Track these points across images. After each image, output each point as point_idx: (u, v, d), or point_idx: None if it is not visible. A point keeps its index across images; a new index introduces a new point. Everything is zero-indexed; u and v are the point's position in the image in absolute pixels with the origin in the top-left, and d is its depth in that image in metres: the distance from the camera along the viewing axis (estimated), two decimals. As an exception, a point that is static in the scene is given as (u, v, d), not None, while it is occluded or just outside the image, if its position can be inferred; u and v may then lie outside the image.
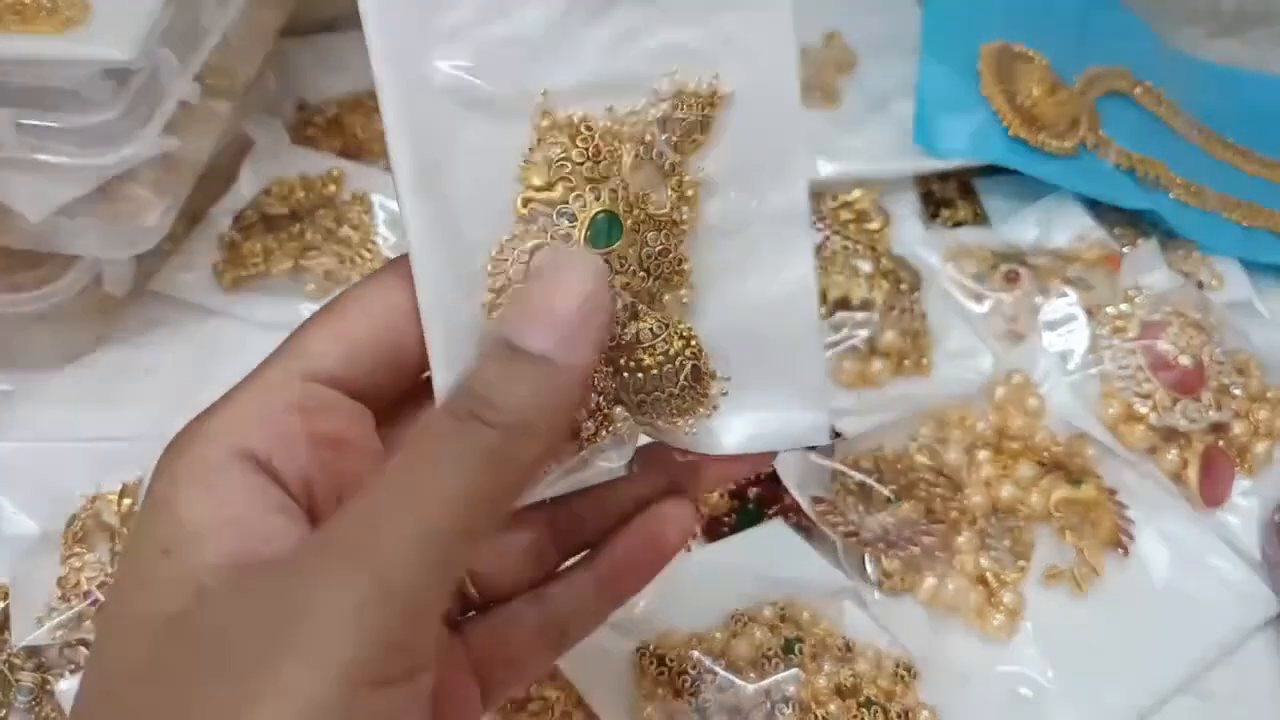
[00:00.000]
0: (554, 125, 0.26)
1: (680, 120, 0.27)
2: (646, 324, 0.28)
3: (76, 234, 0.48)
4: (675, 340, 0.28)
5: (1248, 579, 0.47)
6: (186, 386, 0.52)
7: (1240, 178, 0.65)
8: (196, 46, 0.50)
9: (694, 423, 0.29)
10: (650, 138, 0.27)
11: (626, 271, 0.27)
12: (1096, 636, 0.45)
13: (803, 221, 0.29)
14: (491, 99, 0.26)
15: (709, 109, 0.27)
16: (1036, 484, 0.47)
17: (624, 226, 0.27)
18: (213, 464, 0.25)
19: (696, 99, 0.27)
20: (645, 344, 0.28)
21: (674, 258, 0.28)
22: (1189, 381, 0.50)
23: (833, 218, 0.58)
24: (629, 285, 0.27)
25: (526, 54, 0.26)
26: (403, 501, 0.22)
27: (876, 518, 0.46)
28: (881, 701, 0.41)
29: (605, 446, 0.28)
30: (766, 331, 0.29)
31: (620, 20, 0.27)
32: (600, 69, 0.27)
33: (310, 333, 0.27)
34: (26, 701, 0.42)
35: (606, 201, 0.27)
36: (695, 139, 0.27)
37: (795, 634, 0.42)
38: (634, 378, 0.28)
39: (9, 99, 0.44)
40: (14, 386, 0.52)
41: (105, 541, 0.45)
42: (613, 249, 0.27)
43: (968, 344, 0.55)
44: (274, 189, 0.58)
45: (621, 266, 0.27)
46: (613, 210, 0.27)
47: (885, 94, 0.64)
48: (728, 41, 0.27)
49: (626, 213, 0.27)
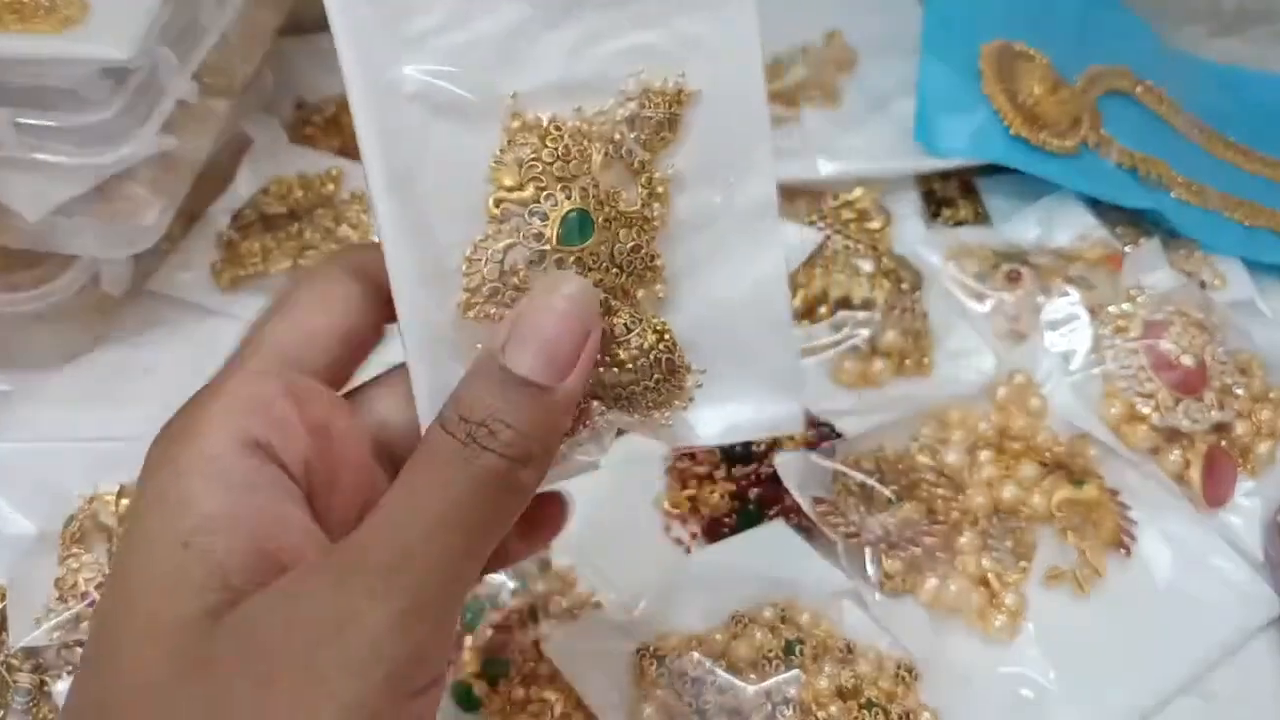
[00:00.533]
0: (524, 127, 0.27)
1: (648, 119, 0.28)
2: (620, 319, 0.28)
3: (74, 233, 0.48)
4: (649, 334, 0.28)
5: (1250, 579, 0.47)
6: (185, 386, 0.52)
7: (1242, 177, 0.65)
8: (195, 45, 0.50)
9: (670, 415, 0.29)
10: (619, 136, 0.28)
11: (599, 268, 0.27)
12: (1099, 637, 0.45)
13: (770, 215, 0.29)
14: (461, 103, 0.27)
15: (675, 107, 0.28)
16: (1038, 484, 0.47)
17: (595, 224, 0.27)
18: (219, 454, 0.25)
19: (663, 98, 0.28)
20: (620, 339, 0.28)
21: (646, 254, 0.28)
22: (1191, 381, 0.50)
23: (834, 217, 0.58)
24: (602, 281, 0.27)
25: (494, 58, 0.27)
26: (426, 527, 0.23)
27: (877, 518, 0.46)
28: (882, 703, 0.40)
29: (583, 441, 0.29)
30: (739, 323, 0.29)
31: (586, 23, 0.27)
32: (567, 71, 0.27)
33: (275, 326, 0.27)
34: (24, 703, 0.42)
35: (578, 200, 0.27)
36: (663, 137, 0.28)
37: (796, 635, 0.42)
38: (609, 372, 0.28)
39: (7, 98, 0.44)
40: (12, 386, 0.51)
41: (103, 542, 0.45)
42: (585, 246, 0.27)
43: (969, 344, 0.54)
44: (272, 188, 0.58)
45: (594, 263, 0.27)
46: (584, 208, 0.27)
47: (886, 93, 0.64)
48: (693, 42, 0.28)
49: (598, 210, 0.27)
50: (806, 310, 0.54)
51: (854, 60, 0.67)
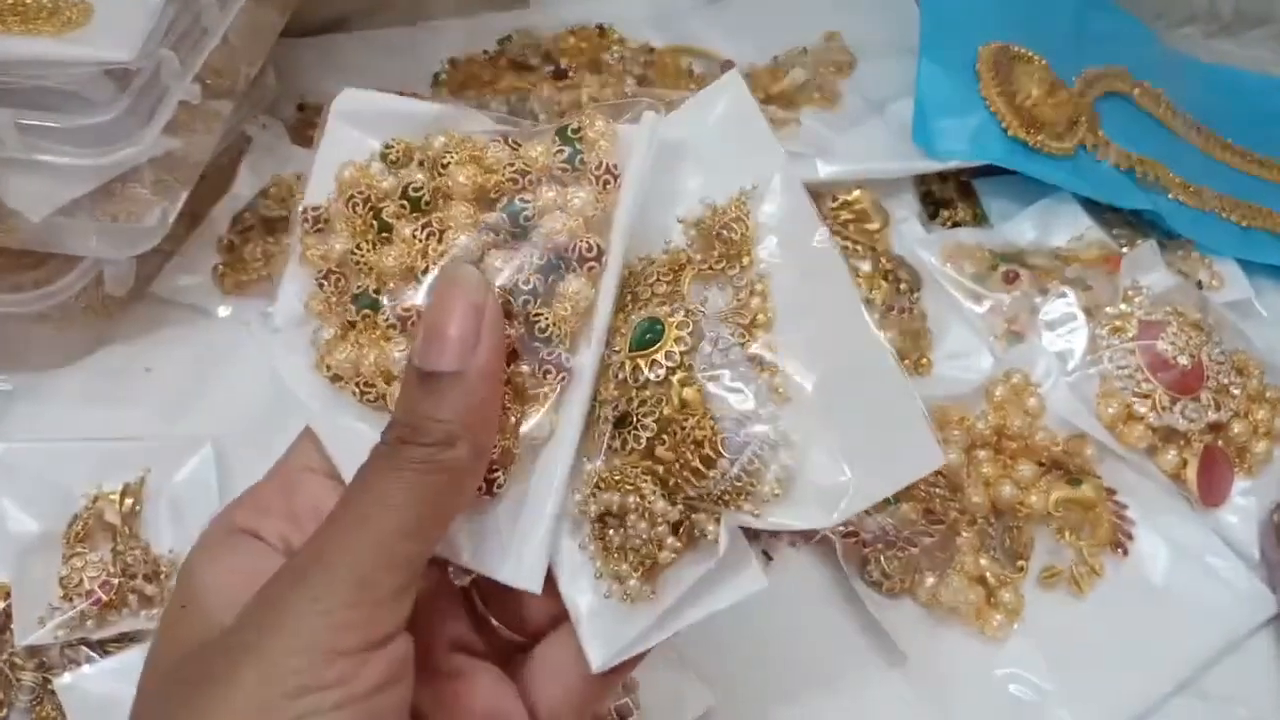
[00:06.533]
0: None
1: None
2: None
3: (77, 234, 0.48)
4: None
5: (1247, 578, 0.47)
6: (187, 386, 0.52)
7: (1239, 178, 0.65)
8: (197, 47, 0.50)
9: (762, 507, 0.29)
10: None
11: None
12: (1096, 636, 0.45)
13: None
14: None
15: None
16: (1036, 484, 0.47)
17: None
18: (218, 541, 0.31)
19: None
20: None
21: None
22: (1188, 381, 0.50)
23: (833, 218, 0.58)
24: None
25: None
26: (356, 516, 0.27)
27: (876, 518, 0.46)
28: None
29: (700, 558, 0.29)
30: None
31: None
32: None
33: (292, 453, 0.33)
34: (28, 701, 0.42)
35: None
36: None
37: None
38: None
39: (10, 99, 0.44)
40: (15, 386, 0.52)
41: (107, 541, 0.45)
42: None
43: (967, 344, 0.55)
44: (272, 190, 0.58)
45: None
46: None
47: (885, 95, 0.64)
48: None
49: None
50: (805, 311, 0.54)
51: (853, 62, 0.67)
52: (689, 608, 0.29)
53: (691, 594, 0.29)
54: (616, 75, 0.64)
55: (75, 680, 0.42)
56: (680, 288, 0.31)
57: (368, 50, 0.68)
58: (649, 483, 0.29)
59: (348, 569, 0.26)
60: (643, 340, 0.30)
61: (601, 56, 0.66)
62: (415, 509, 0.27)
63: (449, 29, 0.70)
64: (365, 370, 0.31)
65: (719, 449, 0.28)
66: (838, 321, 0.30)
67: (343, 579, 0.26)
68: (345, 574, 0.26)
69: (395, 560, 0.27)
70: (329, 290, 0.32)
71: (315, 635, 0.25)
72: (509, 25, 0.69)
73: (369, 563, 0.26)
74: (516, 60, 0.67)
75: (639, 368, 0.29)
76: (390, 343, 0.31)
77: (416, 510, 0.27)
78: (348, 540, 0.27)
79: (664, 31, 0.69)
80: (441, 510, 0.28)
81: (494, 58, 0.67)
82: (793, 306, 0.30)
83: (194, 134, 0.51)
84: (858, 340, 0.29)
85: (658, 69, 0.66)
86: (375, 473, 0.28)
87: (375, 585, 0.26)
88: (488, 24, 0.69)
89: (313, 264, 0.33)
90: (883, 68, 0.66)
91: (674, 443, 0.29)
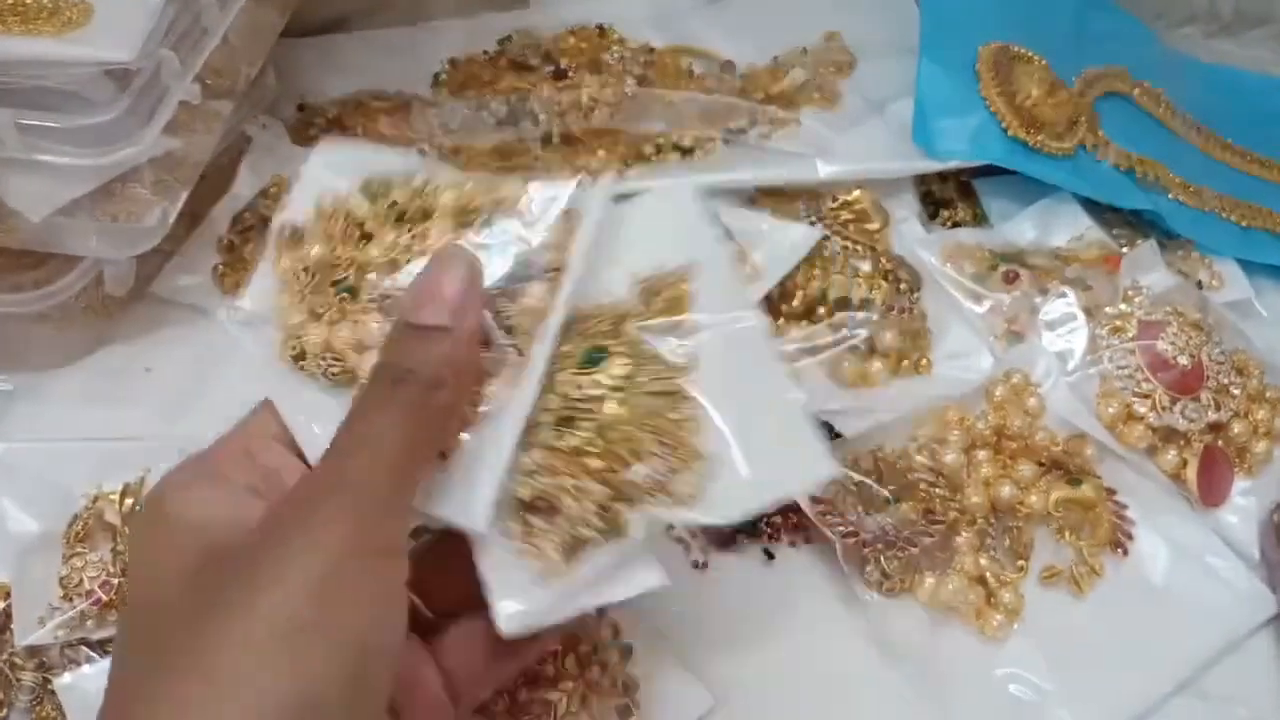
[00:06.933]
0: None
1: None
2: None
3: (77, 234, 0.48)
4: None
5: (1247, 579, 0.47)
6: (187, 386, 0.52)
7: (1239, 178, 0.65)
8: (197, 47, 0.50)
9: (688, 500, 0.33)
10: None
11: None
12: (1096, 636, 0.45)
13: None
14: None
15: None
16: (1035, 484, 0.47)
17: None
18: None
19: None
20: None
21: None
22: (1188, 381, 0.50)
23: (832, 218, 0.58)
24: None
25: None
26: (361, 446, 0.30)
27: (875, 518, 0.46)
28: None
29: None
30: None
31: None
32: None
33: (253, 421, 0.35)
34: (28, 701, 0.42)
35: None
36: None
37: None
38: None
39: (10, 99, 0.44)
40: (15, 386, 0.52)
41: (107, 541, 0.45)
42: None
43: (967, 344, 0.55)
44: (272, 190, 0.58)
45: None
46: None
47: (885, 95, 0.64)
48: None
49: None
50: (805, 310, 0.54)
51: (853, 62, 0.67)
52: (598, 591, 0.32)
53: (604, 578, 0.32)
54: (616, 75, 0.64)
55: (75, 680, 0.42)
56: (622, 331, 0.34)
57: (368, 50, 0.68)
58: (582, 470, 0.32)
59: (367, 485, 0.29)
60: (589, 359, 0.33)
61: (601, 56, 0.66)
62: (411, 440, 0.30)
63: (449, 29, 0.70)
64: (337, 345, 0.33)
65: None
66: (756, 372, 0.35)
67: (367, 493, 0.29)
68: (367, 489, 0.29)
69: (404, 481, 0.30)
70: (304, 282, 0.34)
71: (345, 541, 0.28)
72: (509, 25, 0.69)
73: (384, 482, 0.29)
74: (516, 60, 0.67)
75: (580, 385, 0.33)
76: (368, 315, 0.33)
77: (412, 441, 0.30)
78: (360, 461, 0.29)
79: (664, 31, 0.69)
80: (430, 446, 0.31)
81: (494, 58, 0.67)
82: (717, 358, 0.34)
83: (194, 134, 0.51)
84: (768, 383, 0.35)
85: (658, 69, 0.66)
86: (373, 408, 0.30)
87: (391, 503, 0.29)
88: (488, 24, 0.69)
89: (289, 269, 0.35)
90: (883, 68, 0.66)
91: (604, 448, 0.32)
